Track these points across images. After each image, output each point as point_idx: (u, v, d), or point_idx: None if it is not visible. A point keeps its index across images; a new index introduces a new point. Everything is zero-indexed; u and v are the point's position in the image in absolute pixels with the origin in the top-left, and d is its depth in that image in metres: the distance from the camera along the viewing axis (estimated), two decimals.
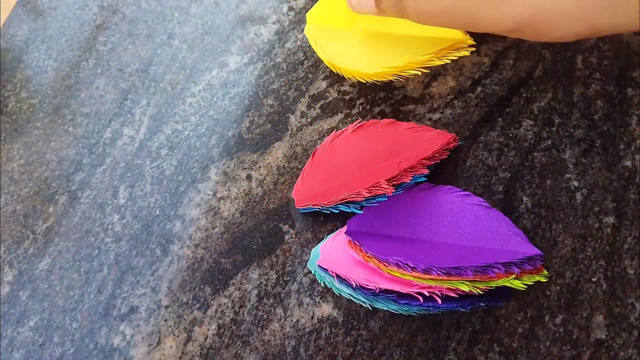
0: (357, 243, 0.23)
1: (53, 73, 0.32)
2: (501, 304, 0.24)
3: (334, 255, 0.24)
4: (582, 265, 0.25)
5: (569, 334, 0.24)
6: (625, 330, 0.23)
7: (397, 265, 0.22)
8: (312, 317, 0.25)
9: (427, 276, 0.22)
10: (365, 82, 0.28)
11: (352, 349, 0.24)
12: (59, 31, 0.34)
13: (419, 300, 0.22)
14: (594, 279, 0.24)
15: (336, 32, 0.28)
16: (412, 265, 0.22)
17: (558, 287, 0.24)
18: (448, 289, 0.22)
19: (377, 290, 0.23)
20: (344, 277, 0.24)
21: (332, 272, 0.24)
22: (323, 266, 0.24)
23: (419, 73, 0.27)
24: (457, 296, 0.22)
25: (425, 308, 0.23)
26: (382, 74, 0.27)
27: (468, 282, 0.22)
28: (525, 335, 0.24)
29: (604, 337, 0.23)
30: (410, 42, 0.27)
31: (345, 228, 0.25)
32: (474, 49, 0.27)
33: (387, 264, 0.23)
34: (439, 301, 0.22)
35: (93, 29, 0.33)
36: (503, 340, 0.24)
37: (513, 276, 0.22)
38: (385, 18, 0.27)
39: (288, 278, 0.26)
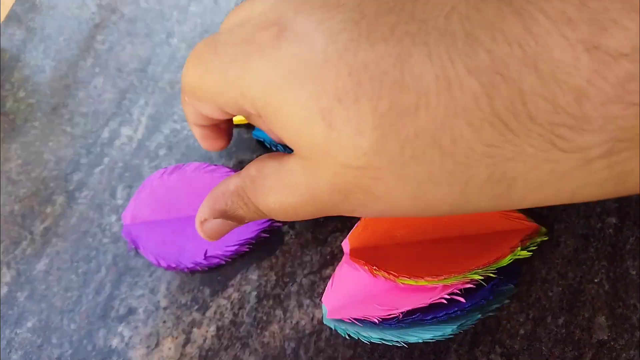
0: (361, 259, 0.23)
1: (51, 72, 0.32)
2: (515, 280, 0.24)
3: (339, 301, 0.23)
4: (584, 266, 0.24)
5: (571, 335, 0.23)
6: (627, 331, 0.23)
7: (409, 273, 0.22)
8: (312, 319, 0.25)
9: (441, 277, 0.22)
10: None
11: (352, 351, 0.24)
12: (57, 30, 0.33)
13: (442, 310, 0.21)
14: (596, 280, 0.24)
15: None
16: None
17: (560, 288, 0.24)
18: (463, 283, 0.22)
19: (400, 316, 0.22)
20: (363, 318, 0.22)
21: (349, 319, 0.22)
22: (335, 318, 0.23)
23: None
24: (475, 286, 0.22)
25: (452, 314, 0.22)
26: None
27: (480, 270, 0.22)
28: (527, 336, 0.24)
29: (606, 338, 0.23)
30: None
31: (341, 264, 0.24)
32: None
33: (397, 275, 0.22)
34: (462, 300, 0.21)
35: (91, 28, 0.33)
36: (505, 342, 0.24)
37: (519, 248, 0.22)
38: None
39: (288, 279, 0.26)
